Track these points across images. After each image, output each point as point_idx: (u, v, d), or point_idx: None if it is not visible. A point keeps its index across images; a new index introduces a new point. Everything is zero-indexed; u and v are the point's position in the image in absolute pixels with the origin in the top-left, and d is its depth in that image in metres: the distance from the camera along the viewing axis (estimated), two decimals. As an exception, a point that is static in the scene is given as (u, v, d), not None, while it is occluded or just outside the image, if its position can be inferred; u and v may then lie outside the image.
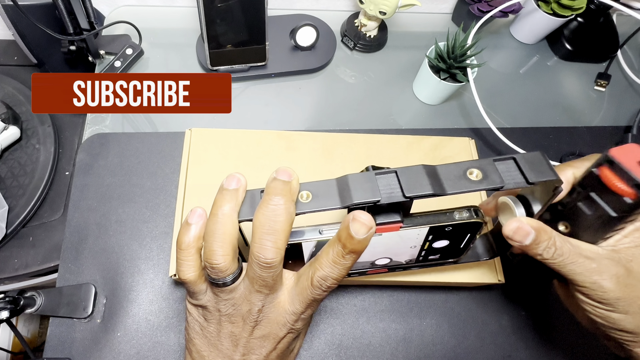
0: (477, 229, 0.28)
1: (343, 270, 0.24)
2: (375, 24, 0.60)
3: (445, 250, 0.31)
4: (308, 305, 0.26)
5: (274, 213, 0.23)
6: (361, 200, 0.24)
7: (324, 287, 0.25)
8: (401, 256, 0.32)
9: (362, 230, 0.23)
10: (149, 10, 0.62)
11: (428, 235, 0.28)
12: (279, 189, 0.24)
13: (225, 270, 0.24)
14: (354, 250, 0.23)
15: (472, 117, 0.59)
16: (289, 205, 0.24)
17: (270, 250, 0.23)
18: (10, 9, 0.50)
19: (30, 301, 0.40)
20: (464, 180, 0.24)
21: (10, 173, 0.56)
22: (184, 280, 0.26)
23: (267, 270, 0.24)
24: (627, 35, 0.67)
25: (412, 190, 0.24)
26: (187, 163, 0.43)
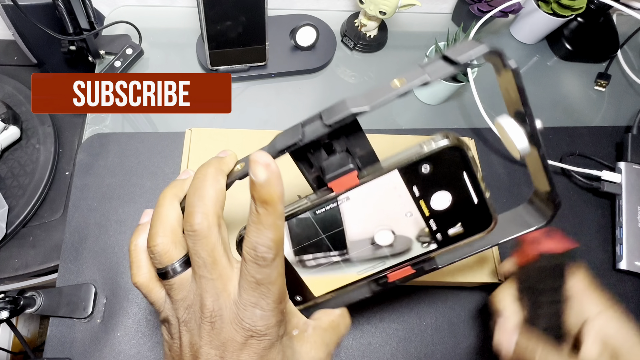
0: (466, 161, 0.22)
1: (267, 231, 0.20)
2: (375, 24, 0.60)
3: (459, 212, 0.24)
4: (254, 290, 0.21)
5: (200, 181, 0.23)
6: (282, 147, 0.22)
7: (257, 258, 0.21)
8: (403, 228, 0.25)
9: (259, 170, 0.20)
10: (149, 10, 0.62)
11: (411, 190, 0.23)
12: (208, 162, 0.24)
13: (164, 253, 0.22)
14: (262, 199, 0.20)
15: (472, 117, 0.59)
16: (217, 173, 0.24)
17: (196, 215, 0.22)
18: (10, 9, 0.50)
19: (30, 301, 0.40)
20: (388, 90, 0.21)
21: (10, 173, 0.56)
22: (136, 285, 0.24)
23: (198, 241, 0.21)
24: (627, 35, 0.67)
25: (331, 117, 0.21)
26: (187, 163, 0.43)
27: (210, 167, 0.24)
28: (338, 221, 0.25)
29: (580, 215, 0.53)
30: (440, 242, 0.25)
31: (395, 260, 0.26)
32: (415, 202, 0.24)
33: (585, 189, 0.55)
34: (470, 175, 0.23)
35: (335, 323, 0.26)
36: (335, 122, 0.21)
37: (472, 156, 0.22)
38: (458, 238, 0.25)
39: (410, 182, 0.23)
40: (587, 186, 0.55)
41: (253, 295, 0.21)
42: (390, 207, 0.24)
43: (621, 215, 0.52)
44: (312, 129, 0.22)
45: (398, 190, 0.23)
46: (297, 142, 0.22)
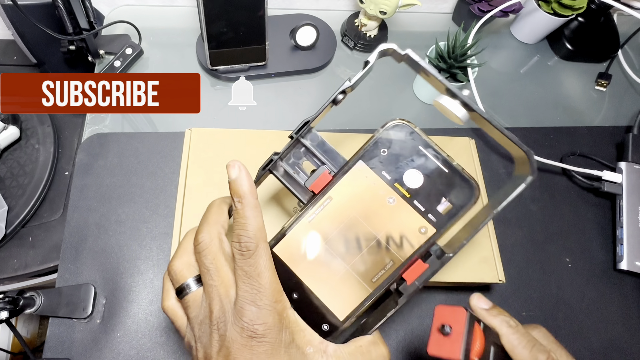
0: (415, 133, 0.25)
1: (244, 221, 0.24)
2: (376, 23, 0.60)
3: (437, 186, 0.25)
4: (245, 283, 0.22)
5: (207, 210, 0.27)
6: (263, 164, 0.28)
7: (242, 249, 0.23)
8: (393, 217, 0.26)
9: (232, 170, 0.25)
10: (148, 10, 0.62)
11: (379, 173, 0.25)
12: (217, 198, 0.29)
13: (179, 271, 0.25)
14: (238, 194, 0.25)
15: (472, 117, 0.59)
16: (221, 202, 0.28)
17: (200, 232, 0.25)
18: (10, 9, 0.50)
19: (30, 301, 0.40)
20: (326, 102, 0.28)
21: (10, 173, 0.56)
22: (163, 310, 0.27)
23: (202, 252, 0.24)
24: (627, 35, 0.67)
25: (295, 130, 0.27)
26: (187, 163, 0.43)
27: (217, 199, 0.28)
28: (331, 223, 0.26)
29: (580, 215, 0.53)
30: (436, 223, 0.26)
31: (401, 255, 0.26)
32: (390, 186, 0.26)
33: (585, 189, 0.55)
34: (427, 147, 0.26)
35: (364, 349, 0.25)
36: (295, 132, 0.27)
37: (419, 129, 0.26)
38: (451, 215, 0.26)
39: (377, 168, 0.26)
40: (588, 186, 0.54)
41: (246, 291, 0.23)
42: (372, 198, 0.26)
43: (622, 215, 0.51)
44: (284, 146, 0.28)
45: (370, 179, 0.26)
46: (272, 157, 0.27)
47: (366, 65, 0.25)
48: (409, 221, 0.26)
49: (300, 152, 0.28)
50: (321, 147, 0.28)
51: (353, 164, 0.26)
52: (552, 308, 0.47)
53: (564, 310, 0.47)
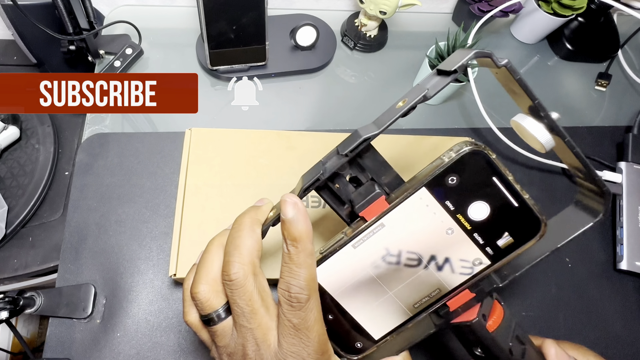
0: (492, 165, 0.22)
1: (298, 270, 0.21)
2: (376, 23, 0.60)
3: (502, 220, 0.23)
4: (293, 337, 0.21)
5: (237, 231, 0.24)
6: (307, 184, 0.23)
7: (291, 300, 0.21)
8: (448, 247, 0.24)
9: (287, 208, 0.22)
10: (148, 10, 0.62)
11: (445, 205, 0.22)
12: (245, 211, 0.25)
13: (206, 300, 0.23)
14: (293, 237, 0.22)
15: (472, 117, 0.59)
16: (253, 223, 0.24)
17: (232, 264, 0.22)
18: (10, 9, 0.50)
19: (30, 301, 0.40)
20: (393, 111, 0.22)
21: (10, 173, 0.56)
22: (187, 323, 0.25)
23: (235, 290, 0.22)
24: (627, 35, 0.67)
25: (347, 147, 0.23)
26: (187, 163, 0.43)
27: (247, 217, 0.24)
28: (379, 250, 0.24)
29: (580, 216, 0.53)
30: (493, 256, 0.24)
31: (449, 284, 0.25)
32: (452, 217, 0.23)
33: (585, 189, 0.55)
34: (501, 179, 0.22)
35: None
36: (350, 151, 0.22)
37: (496, 157, 0.22)
38: (510, 249, 0.24)
39: (441, 197, 0.22)
40: (588, 186, 0.54)
41: (292, 344, 0.21)
42: (429, 227, 0.23)
43: (622, 215, 0.51)
44: (331, 162, 0.24)
45: (431, 208, 0.23)
46: (319, 176, 0.23)
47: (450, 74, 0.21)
48: (464, 252, 0.24)
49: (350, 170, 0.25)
50: (377, 167, 0.24)
51: (414, 191, 0.22)
52: (552, 308, 0.47)
53: (564, 310, 0.47)
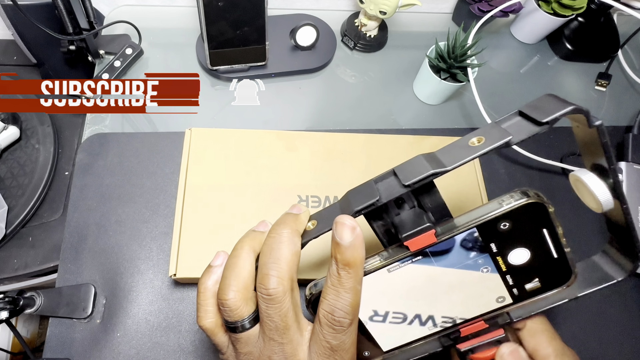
0: (547, 218, 0.22)
1: (346, 295, 0.21)
2: (376, 23, 0.60)
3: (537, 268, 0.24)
4: (327, 357, 0.21)
5: (276, 241, 0.23)
6: (360, 206, 0.22)
7: (334, 323, 0.21)
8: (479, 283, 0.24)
9: (345, 233, 0.21)
10: (149, 10, 0.62)
11: (488, 246, 0.22)
12: (283, 219, 0.24)
13: (235, 309, 0.22)
14: (346, 262, 0.21)
15: (472, 117, 0.59)
16: (293, 234, 0.23)
17: (271, 279, 0.21)
18: (10, 9, 0.50)
19: (30, 301, 0.40)
20: (466, 149, 0.21)
21: (10, 173, 0.56)
22: (202, 327, 0.25)
23: (272, 305, 0.21)
24: (627, 35, 0.67)
25: (410, 177, 0.21)
26: (187, 163, 0.43)
27: (286, 226, 0.23)
28: (413, 278, 0.24)
29: (580, 215, 0.53)
30: (517, 296, 0.25)
31: (468, 314, 0.26)
32: (492, 257, 0.23)
33: (585, 189, 0.55)
34: (551, 232, 0.22)
35: None
36: (414, 183, 0.21)
37: (553, 211, 0.22)
38: (535, 293, 0.25)
39: (488, 239, 0.22)
40: (588, 186, 0.54)
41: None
42: (466, 263, 0.23)
43: (622, 215, 0.51)
44: (388, 188, 0.22)
45: (475, 247, 0.23)
46: (375, 203, 0.22)
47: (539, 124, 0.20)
48: (491, 289, 0.24)
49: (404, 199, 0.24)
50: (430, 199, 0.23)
51: (464, 230, 0.22)
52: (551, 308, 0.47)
53: (563, 311, 0.47)
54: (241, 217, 0.41)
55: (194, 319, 0.42)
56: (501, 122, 0.21)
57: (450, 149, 0.22)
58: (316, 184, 0.43)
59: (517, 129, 0.20)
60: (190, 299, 0.43)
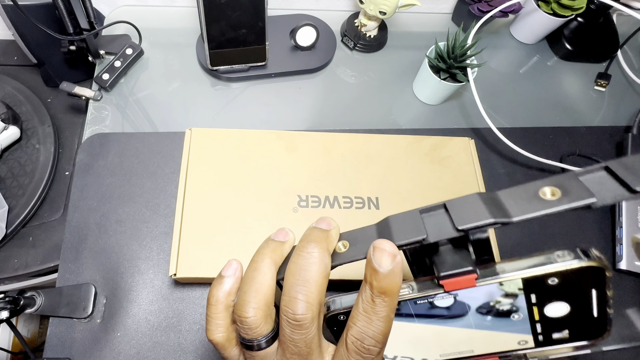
0: (602, 281, 0.20)
1: (379, 323, 0.19)
2: (375, 24, 0.60)
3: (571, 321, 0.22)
4: None
5: (306, 261, 0.21)
6: (403, 241, 0.20)
7: (362, 350, 0.20)
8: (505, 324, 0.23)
9: (385, 260, 0.19)
10: (149, 10, 0.62)
11: (528, 294, 0.21)
12: (314, 236, 0.22)
13: (255, 327, 0.21)
14: (382, 289, 0.19)
15: (472, 117, 0.59)
16: (324, 255, 0.21)
17: (299, 303, 0.20)
18: (10, 9, 0.50)
19: (30, 301, 0.40)
20: (536, 201, 0.18)
21: (10, 173, 0.56)
22: (212, 341, 0.23)
23: (298, 331, 0.20)
24: (627, 35, 0.67)
25: (466, 220, 0.19)
26: (187, 163, 0.43)
27: (317, 245, 0.21)
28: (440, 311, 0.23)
29: (580, 215, 0.53)
30: (541, 342, 0.23)
31: (486, 349, 0.24)
32: (528, 306, 0.22)
33: (585, 189, 0.55)
34: (600, 293, 0.21)
35: None
36: (469, 229, 0.19)
37: (610, 276, 0.20)
38: (560, 341, 0.23)
39: (529, 290, 0.21)
40: (587, 186, 0.55)
41: None
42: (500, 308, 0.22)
43: (621, 215, 0.52)
44: (437, 226, 0.20)
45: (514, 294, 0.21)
46: (421, 241, 0.20)
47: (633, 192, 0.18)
48: (517, 332, 0.23)
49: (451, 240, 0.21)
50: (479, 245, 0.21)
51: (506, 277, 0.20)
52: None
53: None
54: (241, 217, 0.41)
55: (194, 319, 0.42)
56: (581, 174, 0.19)
57: (516, 195, 0.19)
58: (316, 184, 0.43)
59: (602, 189, 0.18)
60: (191, 299, 0.43)
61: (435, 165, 0.46)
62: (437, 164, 0.46)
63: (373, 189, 0.44)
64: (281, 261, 0.23)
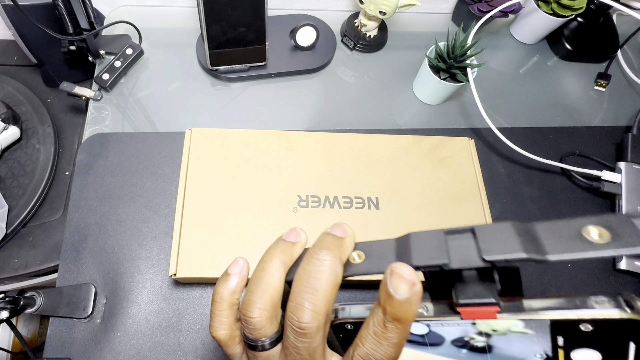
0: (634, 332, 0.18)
1: (389, 349, 0.18)
2: (375, 24, 0.60)
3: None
4: None
5: (316, 269, 0.20)
6: (422, 263, 0.19)
7: None
8: None
9: (402, 286, 0.18)
10: (149, 10, 0.62)
11: (554, 337, 0.19)
12: (327, 242, 0.21)
13: (259, 328, 0.21)
14: (396, 316, 0.18)
15: (472, 117, 0.59)
16: (336, 263, 0.20)
17: (306, 311, 0.19)
18: (10, 9, 0.50)
19: (30, 301, 0.40)
20: (578, 241, 0.17)
21: (10, 173, 0.56)
22: (215, 338, 0.23)
23: (301, 339, 0.19)
24: (627, 35, 0.67)
25: (494, 251, 0.17)
26: (187, 163, 0.43)
27: (330, 253, 0.20)
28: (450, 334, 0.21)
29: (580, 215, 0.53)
30: None
31: None
32: (553, 347, 0.20)
33: (585, 189, 0.55)
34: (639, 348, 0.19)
35: None
36: (499, 261, 0.17)
37: None
38: None
39: (558, 332, 0.19)
40: (587, 186, 0.55)
41: None
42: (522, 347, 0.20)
43: (621, 215, 0.52)
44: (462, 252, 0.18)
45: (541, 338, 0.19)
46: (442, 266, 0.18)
47: None
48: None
49: None
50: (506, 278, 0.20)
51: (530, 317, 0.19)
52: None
53: None
54: (241, 217, 0.41)
55: (194, 319, 0.42)
56: (636, 217, 0.17)
57: (556, 231, 0.18)
58: (316, 184, 0.43)
59: None
60: (191, 299, 0.43)
61: (435, 165, 0.46)
62: (437, 164, 0.46)
63: (373, 189, 0.44)
64: (291, 263, 0.23)
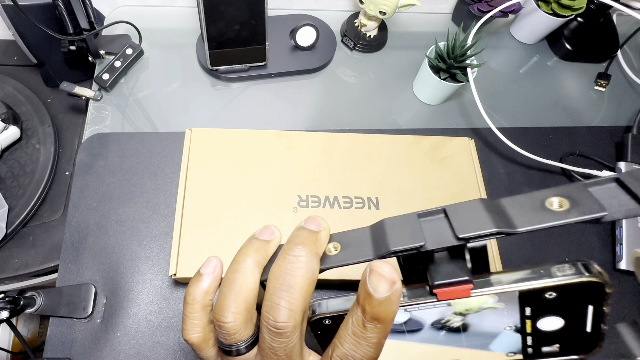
0: (600, 297, 0.19)
1: (368, 349, 0.18)
2: (375, 24, 0.60)
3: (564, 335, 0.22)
4: None
5: (292, 265, 0.19)
6: (399, 247, 0.19)
7: None
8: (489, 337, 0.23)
9: (381, 285, 0.17)
10: (149, 10, 0.62)
11: (522, 308, 0.21)
12: (302, 237, 0.20)
13: (234, 333, 0.20)
14: (376, 316, 0.17)
15: (472, 117, 0.59)
16: (311, 258, 0.20)
17: (282, 310, 0.18)
18: (10, 9, 0.50)
19: (30, 301, 0.40)
20: (542, 212, 0.18)
21: (10, 173, 0.56)
22: (187, 341, 0.22)
23: (278, 339, 0.19)
24: (627, 35, 0.67)
25: (467, 229, 0.18)
26: (187, 163, 0.43)
27: (304, 248, 0.20)
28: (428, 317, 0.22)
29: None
30: (529, 355, 0.23)
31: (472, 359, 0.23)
32: (521, 319, 0.21)
33: (585, 189, 0.55)
34: (597, 310, 0.20)
35: None
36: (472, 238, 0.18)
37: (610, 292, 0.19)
38: (549, 355, 0.22)
39: (525, 303, 0.20)
40: (587, 186, 0.55)
41: None
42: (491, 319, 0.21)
43: (621, 215, 0.52)
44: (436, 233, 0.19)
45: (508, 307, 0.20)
46: (418, 249, 0.19)
47: None
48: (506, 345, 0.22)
49: None
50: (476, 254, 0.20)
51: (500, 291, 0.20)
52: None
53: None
54: (241, 217, 0.41)
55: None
56: (591, 185, 0.18)
57: (521, 204, 0.18)
58: (316, 184, 0.43)
59: (613, 202, 0.17)
60: (191, 298, 0.43)
61: (435, 165, 0.46)
62: (437, 164, 0.46)
63: (373, 189, 0.44)
64: (265, 262, 0.22)
